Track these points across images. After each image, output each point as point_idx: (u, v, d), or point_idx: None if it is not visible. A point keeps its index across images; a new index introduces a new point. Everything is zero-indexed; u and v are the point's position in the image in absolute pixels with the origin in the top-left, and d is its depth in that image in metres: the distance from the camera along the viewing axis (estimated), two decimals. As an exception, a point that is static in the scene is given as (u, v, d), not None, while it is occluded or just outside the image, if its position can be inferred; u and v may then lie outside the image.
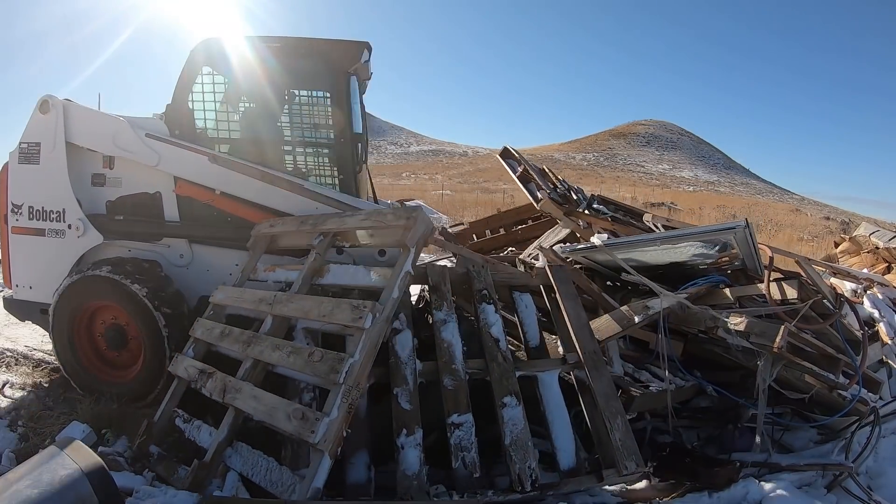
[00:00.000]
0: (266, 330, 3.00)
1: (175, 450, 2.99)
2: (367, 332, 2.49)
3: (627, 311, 3.44)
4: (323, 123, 4.07)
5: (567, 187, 6.23)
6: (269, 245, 3.65)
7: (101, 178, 3.95)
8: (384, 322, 2.57)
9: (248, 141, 3.93)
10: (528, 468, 2.59)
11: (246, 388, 2.71)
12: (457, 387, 2.76)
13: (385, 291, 2.69)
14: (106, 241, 3.90)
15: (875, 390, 3.62)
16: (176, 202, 3.89)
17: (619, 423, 2.82)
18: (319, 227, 3.31)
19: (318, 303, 2.83)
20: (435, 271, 3.25)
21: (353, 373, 2.40)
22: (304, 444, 2.40)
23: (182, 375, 3.17)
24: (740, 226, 3.33)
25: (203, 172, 3.76)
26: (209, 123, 3.96)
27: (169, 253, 3.90)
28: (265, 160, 3.82)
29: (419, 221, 2.81)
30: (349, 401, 2.36)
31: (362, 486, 2.50)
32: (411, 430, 2.58)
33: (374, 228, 3.06)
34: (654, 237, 3.82)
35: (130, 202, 3.94)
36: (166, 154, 3.78)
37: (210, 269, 3.88)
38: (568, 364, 3.07)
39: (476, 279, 3.29)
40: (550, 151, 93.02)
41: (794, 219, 25.64)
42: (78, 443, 2.22)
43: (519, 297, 3.41)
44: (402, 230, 2.84)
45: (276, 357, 2.71)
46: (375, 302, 2.58)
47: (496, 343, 2.99)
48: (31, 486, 1.94)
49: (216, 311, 3.46)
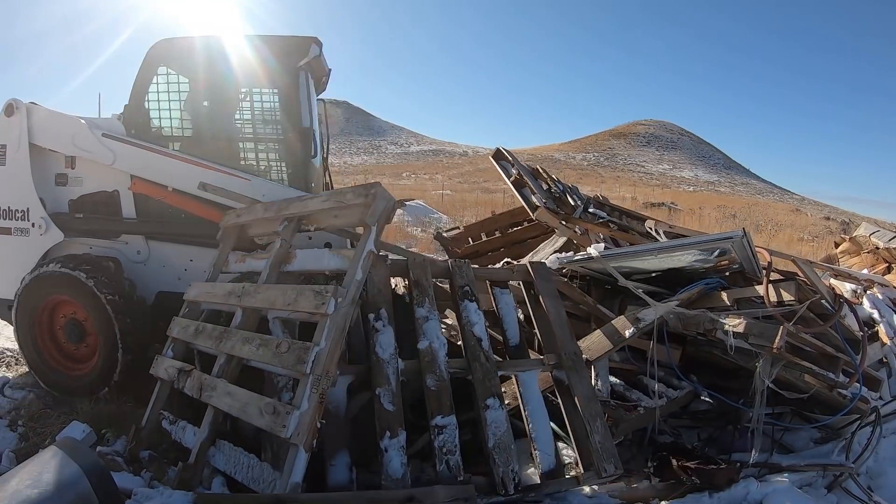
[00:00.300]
0: (237, 323, 2.93)
1: (169, 452, 2.99)
2: (332, 317, 2.41)
3: (619, 325, 3.44)
4: (273, 119, 4.24)
5: (562, 188, 6.19)
6: (239, 235, 3.60)
7: (64, 177, 4.09)
8: (349, 305, 2.49)
9: (201, 138, 4.07)
10: (510, 471, 2.59)
11: (220, 386, 2.67)
12: (440, 388, 2.70)
13: (348, 274, 2.60)
14: (67, 238, 4.03)
15: (875, 388, 3.61)
16: (132, 200, 4.02)
17: (599, 426, 2.83)
18: (283, 213, 3.22)
19: (283, 292, 2.74)
20: (416, 265, 3.11)
21: (321, 361, 2.33)
22: (283, 440, 2.35)
23: (163, 377, 3.14)
24: (737, 235, 3.36)
25: (155, 170, 3.89)
26: (164, 122, 4.12)
27: (127, 249, 4.04)
28: (217, 157, 3.94)
29: (378, 198, 2.69)
30: (319, 391, 2.29)
31: (344, 488, 2.47)
32: (395, 433, 2.51)
33: (334, 209, 2.95)
34: (652, 248, 3.81)
35: (91, 200, 4.08)
36: (121, 153, 3.90)
37: (166, 265, 4.01)
38: (548, 365, 3.05)
39: (457, 274, 3.16)
40: (551, 151, 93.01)
41: (795, 219, 25.63)
42: (78, 443, 2.22)
43: (500, 294, 3.33)
44: (363, 208, 2.74)
45: (247, 351, 2.66)
46: (338, 286, 2.49)
47: (479, 342, 2.92)
48: (31, 486, 1.94)
49: (191, 307, 3.40)
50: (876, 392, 3.61)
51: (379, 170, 56.54)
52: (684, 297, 3.59)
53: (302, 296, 2.58)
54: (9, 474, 2.05)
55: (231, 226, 3.62)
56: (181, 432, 2.96)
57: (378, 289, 2.86)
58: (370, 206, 2.68)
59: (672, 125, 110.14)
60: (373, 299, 2.82)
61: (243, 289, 3.01)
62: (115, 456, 2.90)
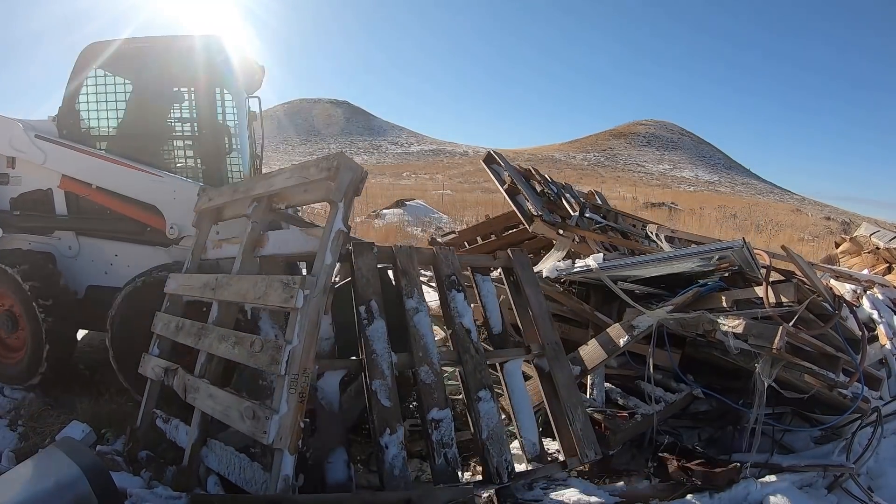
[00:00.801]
0: (213, 318, 2.82)
1: (167, 451, 2.97)
2: (302, 311, 2.26)
3: (614, 334, 3.47)
4: (191, 117, 4.56)
5: (556, 190, 6.16)
6: (216, 219, 3.47)
7: (6, 177, 4.32)
8: (321, 295, 2.32)
9: (125, 138, 4.28)
10: (504, 461, 2.65)
11: (202, 387, 2.60)
12: (434, 381, 2.68)
13: (317, 259, 2.39)
14: (6, 234, 4.27)
15: (876, 387, 3.61)
16: (64, 197, 4.21)
17: (580, 414, 2.92)
18: (250, 193, 3.04)
19: (254, 284, 2.57)
20: (403, 253, 2.98)
21: (296, 360, 2.21)
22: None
23: (151, 376, 3.09)
24: (737, 245, 3.41)
25: (80, 168, 4.08)
26: (92, 123, 4.35)
27: (60, 245, 4.26)
28: (141, 155, 4.10)
29: (342, 169, 2.42)
30: (298, 390, 2.19)
31: (343, 485, 2.45)
32: (394, 429, 2.49)
33: (301, 185, 2.72)
34: (652, 259, 3.81)
35: (30, 198, 4.29)
36: (51, 152, 4.10)
37: (95, 260, 4.23)
38: (531, 353, 3.10)
39: (444, 263, 3.06)
40: (551, 151, 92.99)
41: (795, 219, 25.61)
42: (77, 443, 2.22)
43: (482, 282, 3.28)
44: (328, 182, 2.48)
45: (223, 349, 2.57)
46: (306, 276, 2.35)
47: (468, 334, 2.89)
48: (31, 486, 1.94)
49: (172, 301, 3.28)
50: (876, 391, 3.61)
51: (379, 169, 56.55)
52: (678, 301, 3.62)
53: (271, 288, 2.43)
54: (8, 474, 2.05)
55: (206, 209, 3.45)
56: (175, 431, 2.93)
57: (367, 279, 2.73)
58: (335, 181, 2.43)
59: (672, 125, 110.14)
60: (362, 290, 2.70)
61: (216, 280, 2.84)
62: (114, 456, 2.90)
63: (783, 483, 2.86)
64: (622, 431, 3.16)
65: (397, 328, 2.77)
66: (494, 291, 3.32)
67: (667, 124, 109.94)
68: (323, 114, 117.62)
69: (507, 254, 3.40)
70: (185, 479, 2.57)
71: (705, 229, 15.79)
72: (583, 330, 4.05)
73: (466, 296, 3.02)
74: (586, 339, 3.68)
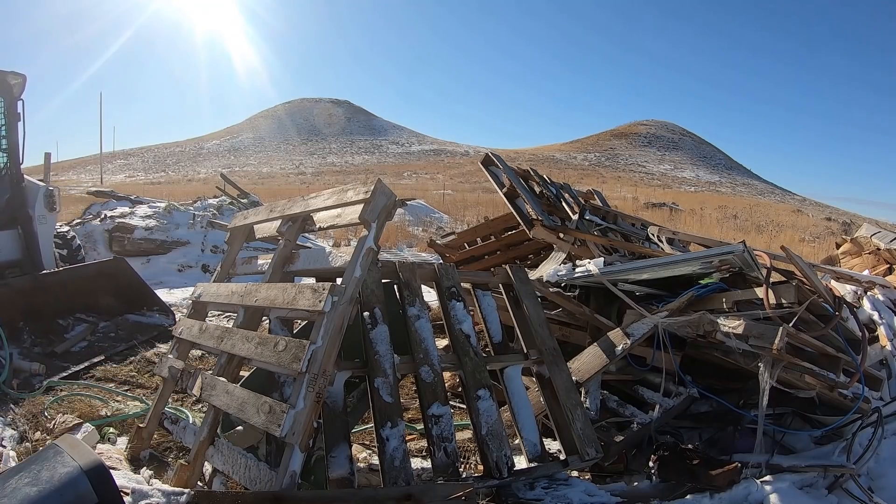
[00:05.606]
0: (239, 322, 3.00)
1: (170, 451, 2.99)
2: (329, 315, 2.41)
3: (610, 342, 3.53)
4: None
5: (554, 191, 6.15)
6: (248, 237, 3.71)
7: None
8: (347, 304, 2.48)
9: None
10: (503, 456, 2.73)
11: (220, 385, 2.71)
12: (434, 380, 2.82)
13: (346, 271, 2.60)
14: None
15: (876, 388, 3.61)
16: None
17: (580, 414, 3.01)
18: (287, 213, 3.27)
19: (283, 290, 2.78)
20: (406, 268, 3.23)
21: (318, 360, 2.32)
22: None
23: (166, 377, 3.22)
24: (738, 249, 3.44)
25: None
26: None
27: None
28: None
29: (378, 194, 2.69)
30: (315, 390, 2.28)
31: (346, 480, 2.51)
32: (395, 423, 2.60)
33: (336, 207, 2.97)
34: (652, 263, 3.82)
35: None
36: None
37: None
38: (530, 359, 3.19)
39: (444, 277, 3.31)
40: (552, 151, 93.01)
41: (796, 219, 25.61)
42: (78, 441, 2.22)
43: (482, 296, 3.47)
44: (363, 205, 2.74)
45: (247, 349, 2.68)
46: (335, 283, 2.51)
47: (467, 339, 3.06)
48: (31, 484, 1.94)
49: (197, 308, 3.51)
50: (877, 392, 3.61)
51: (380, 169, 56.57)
52: (674, 305, 3.64)
53: (301, 294, 2.61)
54: (9, 473, 2.05)
55: (239, 227, 3.70)
56: (182, 432, 3.01)
57: (371, 290, 2.96)
58: (370, 203, 2.69)
59: (673, 125, 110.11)
60: (367, 299, 2.92)
61: (245, 288, 3.06)
62: (115, 455, 2.90)
63: (783, 483, 2.86)
64: (616, 444, 3.20)
65: (401, 344, 2.93)
66: (494, 305, 3.45)
67: (668, 124, 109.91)
68: (324, 113, 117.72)
69: (505, 270, 3.56)
70: (187, 476, 2.60)
71: (706, 230, 15.80)
72: (582, 332, 4.08)
73: (466, 304, 3.19)
74: (585, 342, 3.69)
